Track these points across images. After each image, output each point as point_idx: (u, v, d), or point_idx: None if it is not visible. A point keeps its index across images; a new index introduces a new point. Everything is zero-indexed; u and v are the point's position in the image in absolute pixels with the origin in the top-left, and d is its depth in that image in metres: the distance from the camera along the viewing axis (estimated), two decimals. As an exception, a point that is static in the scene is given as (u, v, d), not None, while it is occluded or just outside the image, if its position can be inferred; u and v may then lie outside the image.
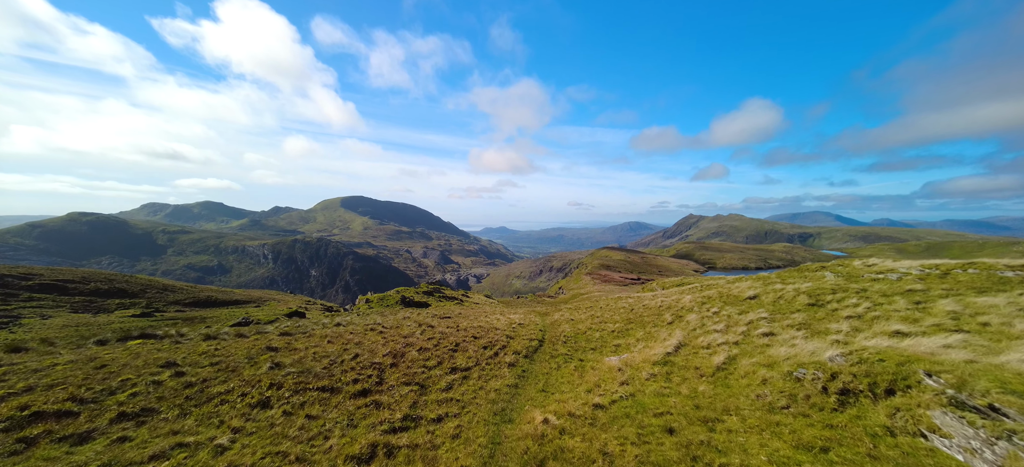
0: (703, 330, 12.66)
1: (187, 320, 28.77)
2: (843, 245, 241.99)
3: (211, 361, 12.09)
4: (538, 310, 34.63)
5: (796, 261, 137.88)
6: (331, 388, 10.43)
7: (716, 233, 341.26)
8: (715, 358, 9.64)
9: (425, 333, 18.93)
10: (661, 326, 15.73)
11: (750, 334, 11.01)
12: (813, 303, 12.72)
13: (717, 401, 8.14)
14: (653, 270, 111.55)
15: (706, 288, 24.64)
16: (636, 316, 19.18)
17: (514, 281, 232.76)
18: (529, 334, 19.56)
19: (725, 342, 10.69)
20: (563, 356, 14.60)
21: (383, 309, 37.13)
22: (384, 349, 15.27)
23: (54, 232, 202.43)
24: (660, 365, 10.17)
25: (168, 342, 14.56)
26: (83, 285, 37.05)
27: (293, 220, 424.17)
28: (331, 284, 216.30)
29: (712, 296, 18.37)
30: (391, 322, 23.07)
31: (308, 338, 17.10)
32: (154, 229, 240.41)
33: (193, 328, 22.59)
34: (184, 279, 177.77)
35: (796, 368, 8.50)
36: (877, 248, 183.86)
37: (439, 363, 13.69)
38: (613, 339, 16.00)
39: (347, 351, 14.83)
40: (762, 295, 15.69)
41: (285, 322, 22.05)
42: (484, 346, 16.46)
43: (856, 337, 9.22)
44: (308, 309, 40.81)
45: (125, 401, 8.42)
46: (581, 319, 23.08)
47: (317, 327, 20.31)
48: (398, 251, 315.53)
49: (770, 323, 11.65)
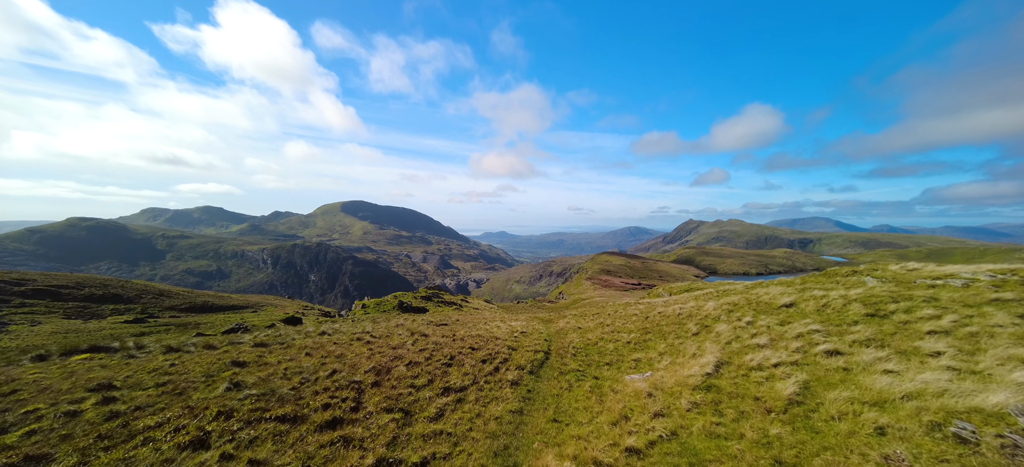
0: (742, 344, 10.62)
1: (181, 326, 27.71)
2: (844, 251, 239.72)
3: (158, 381, 10.15)
4: (541, 316, 32.63)
5: (797, 267, 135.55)
6: (294, 417, 8.46)
7: (716, 238, 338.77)
8: (782, 386, 7.55)
9: (417, 344, 16.93)
10: (685, 338, 13.71)
11: (808, 352, 8.94)
12: (872, 313, 10.65)
13: (811, 457, 5.67)
14: (654, 275, 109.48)
15: (726, 294, 22.64)
16: (653, 325, 17.18)
17: (514, 286, 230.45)
18: (533, 345, 17.57)
19: (782, 362, 8.63)
20: (574, 373, 12.63)
21: (379, 315, 35.17)
22: (368, 363, 13.29)
23: (53, 237, 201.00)
24: (702, 391, 8.14)
25: (119, 357, 12.61)
26: (77, 290, 36.03)
27: (293, 225, 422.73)
28: (330, 289, 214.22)
29: (738, 303, 16.37)
30: (382, 330, 21.08)
31: (285, 350, 15.14)
32: (153, 234, 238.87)
33: (178, 335, 20.84)
34: (183, 284, 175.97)
35: (944, 418, 5.73)
36: (879, 254, 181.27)
37: (430, 381, 11.71)
38: (630, 352, 14.00)
39: (325, 366, 12.86)
40: (800, 302, 13.67)
41: (264, 331, 20.11)
42: (483, 359, 14.48)
43: (977, 363, 7.05)
44: (305, 314, 39.09)
45: (14, 444, 6.47)
46: (590, 327, 21.07)
47: (298, 336, 18.34)
48: (398, 256, 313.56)
49: (827, 337, 9.63)
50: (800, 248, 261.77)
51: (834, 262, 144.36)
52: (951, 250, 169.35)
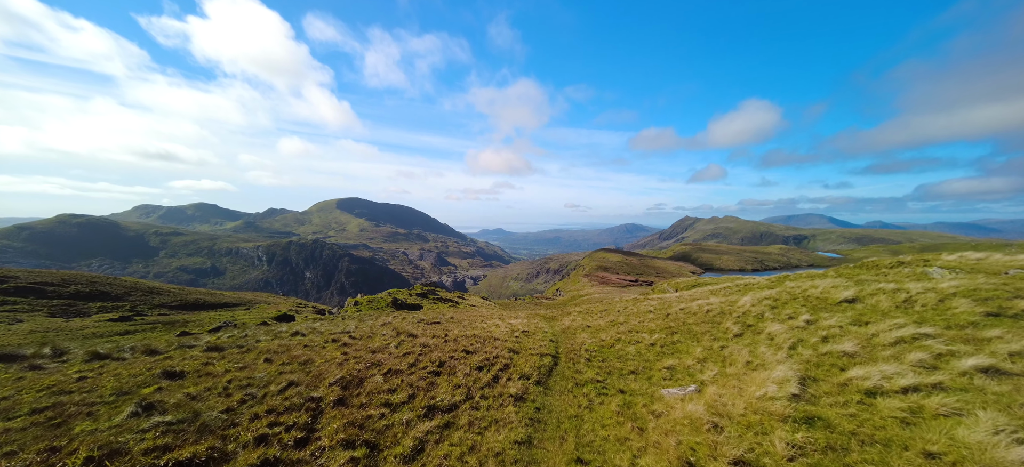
0: (816, 352, 8.03)
1: (168, 324, 26.25)
2: (838, 247, 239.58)
3: (41, 405, 7.55)
4: (542, 314, 30.10)
5: (793, 263, 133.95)
6: (207, 459, 5.95)
7: (712, 235, 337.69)
8: (966, 433, 4.78)
9: (402, 346, 14.35)
10: (727, 340, 11.18)
11: (947, 369, 5.95)
12: (994, 313, 7.83)
13: None
14: (651, 272, 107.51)
15: (749, 288, 20.17)
16: (678, 324, 14.62)
17: (511, 283, 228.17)
18: (538, 346, 15.09)
19: (919, 386, 5.74)
20: (594, 384, 10.26)
21: (370, 312, 32.64)
22: (338, 372, 10.74)
23: (42, 234, 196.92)
24: (800, 425, 5.42)
25: (17, 369, 10.01)
26: (63, 288, 34.28)
27: (288, 222, 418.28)
28: (326, 286, 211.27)
29: (778, 298, 13.88)
30: (365, 329, 18.37)
31: (242, 354, 12.58)
32: (146, 231, 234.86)
33: (160, 334, 18.44)
34: (177, 282, 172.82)
35: None
36: (872, 250, 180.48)
37: (411, 397, 9.18)
38: (658, 358, 11.47)
39: (282, 376, 10.31)
40: (864, 297, 11.21)
41: (224, 333, 17.52)
42: (479, 366, 11.96)
43: None
44: (298, 312, 36.87)
45: None
46: (601, 326, 18.52)
47: (265, 337, 15.71)
48: (394, 253, 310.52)
49: (950, 344, 6.89)
50: (795, 244, 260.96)
51: (829, 258, 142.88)
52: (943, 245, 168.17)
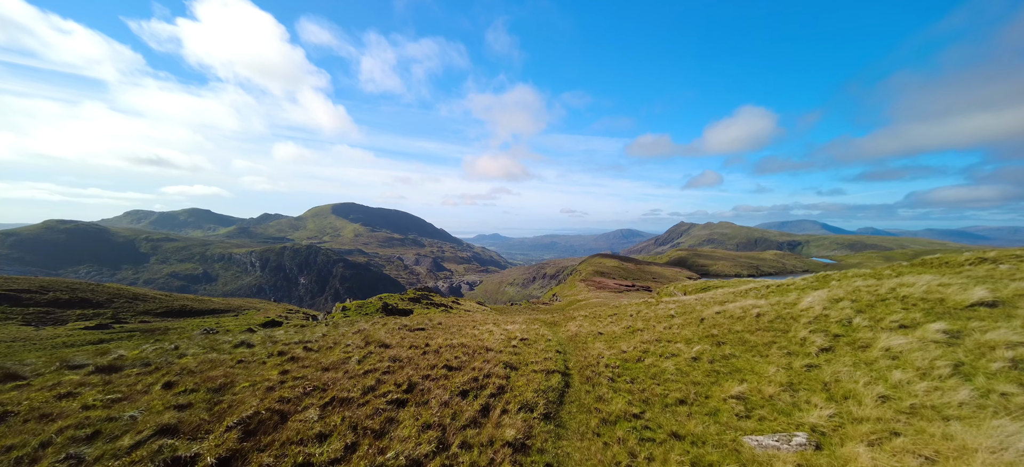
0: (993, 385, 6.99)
1: (147, 332, 25.32)
2: (831, 253, 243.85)
3: None
4: (542, 318, 28.30)
5: (788, 268, 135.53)
6: None
7: (707, 240, 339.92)
8: None
9: (367, 360, 11.63)
10: (812, 357, 9.76)
11: None
12: None
13: None
14: (648, 277, 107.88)
15: (796, 288, 18.06)
16: (724, 332, 12.78)
17: (507, 288, 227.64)
18: (541, 359, 12.51)
19: None
20: (630, 423, 7.92)
21: (358, 318, 32.35)
22: (254, 403, 8.03)
23: (29, 240, 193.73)
24: None
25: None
26: (40, 295, 33.73)
27: (283, 227, 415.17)
28: (321, 292, 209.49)
29: (859, 300, 12.25)
30: (331, 339, 15.56)
31: (142, 377, 9.88)
32: (137, 237, 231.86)
33: (142, 341, 17.92)
34: (167, 288, 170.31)
35: None
36: (865, 256, 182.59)
37: (351, 447, 6.64)
38: (715, 382, 9.59)
39: (164, 413, 7.60)
40: (1007, 299, 10.18)
41: (201, 338, 17.21)
42: (463, 390, 9.36)
43: None
44: (288, 318, 36.56)
45: None
46: (616, 333, 16.51)
47: (196, 350, 13.02)
48: (390, 258, 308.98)
49: None
50: (789, 250, 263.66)
51: (822, 264, 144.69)
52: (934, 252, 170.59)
